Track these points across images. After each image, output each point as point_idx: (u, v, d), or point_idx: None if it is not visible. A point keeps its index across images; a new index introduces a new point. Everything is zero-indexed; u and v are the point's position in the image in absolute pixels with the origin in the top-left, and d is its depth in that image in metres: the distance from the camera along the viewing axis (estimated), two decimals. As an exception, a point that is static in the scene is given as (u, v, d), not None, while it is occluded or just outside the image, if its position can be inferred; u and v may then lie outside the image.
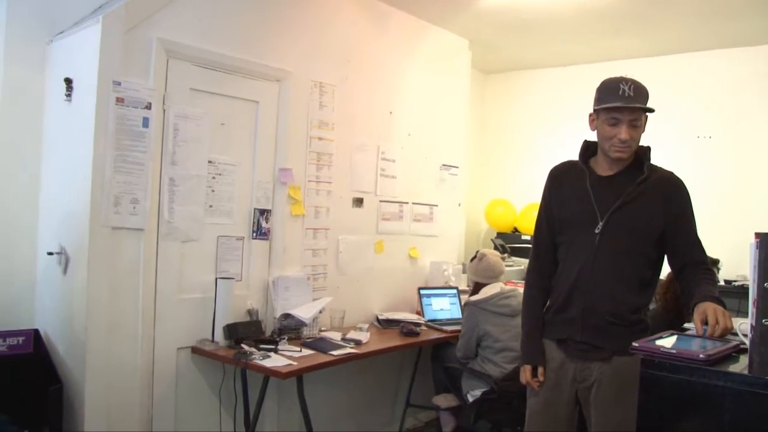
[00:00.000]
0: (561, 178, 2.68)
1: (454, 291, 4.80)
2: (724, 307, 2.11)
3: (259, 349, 3.39)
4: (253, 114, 3.78)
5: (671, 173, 2.54)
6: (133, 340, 3.25)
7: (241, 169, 3.71)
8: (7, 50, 3.35)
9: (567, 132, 5.85)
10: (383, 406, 4.67)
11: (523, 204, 6.13)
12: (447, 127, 5.24)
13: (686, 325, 2.44)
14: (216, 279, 3.54)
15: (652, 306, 3.79)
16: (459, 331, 4.04)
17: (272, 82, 3.85)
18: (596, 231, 2.47)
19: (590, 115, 2.56)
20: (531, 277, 2.75)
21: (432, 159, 5.07)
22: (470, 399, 3.84)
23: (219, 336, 3.49)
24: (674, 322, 3.11)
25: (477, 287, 4.07)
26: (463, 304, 4.33)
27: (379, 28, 4.58)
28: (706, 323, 2.02)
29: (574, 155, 2.70)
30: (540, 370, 2.60)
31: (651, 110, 2.44)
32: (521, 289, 3.78)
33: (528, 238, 5.90)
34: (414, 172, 4.88)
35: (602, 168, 2.56)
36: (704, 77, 5.43)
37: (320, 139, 4.09)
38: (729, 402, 1.67)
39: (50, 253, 3.33)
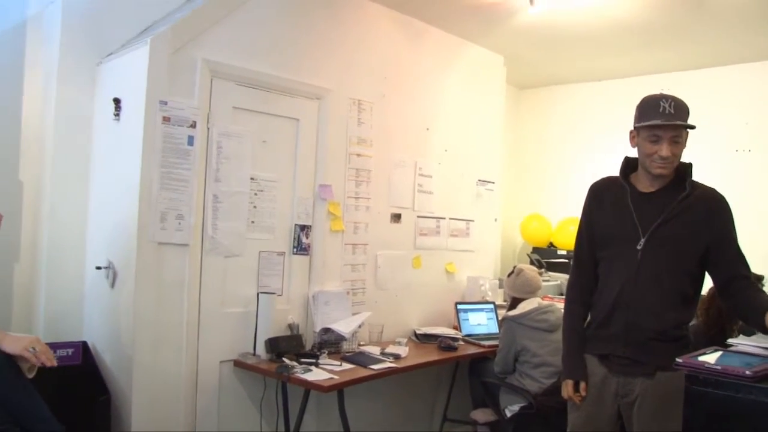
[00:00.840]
0: (602, 194, 2.69)
1: (491, 306, 4.81)
2: None
3: (301, 363, 3.44)
4: (294, 131, 3.86)
5: (713, 190, 2.54)
6: (177, 352, 3.33)
7: (282, 186, 3.79)
8: (60, 72, 3.50)
9: (601, 146, 5.86)
10: (421, 421, 4.68)
11: (558, 219, 6.12)
12: (483, 142, 5.27)
13: (730, 340, 2.44)
14: (258, 293, 3.60)
15: (692, 322, 3.78)
16: (496, 346, 4.04)
17: (312, 99, 3.93)
18: (638, 247, 2.48)
19: (630, 132, 2.57)
20: (572, 293, 2.76)
21: (468, 174, 5.10)
22: (508, 414, 3.84)
23: (261, 349, 3.54)
24: (716, 338, 3.10)
25: (515, 302, 4.08)
26: (500, 319, 4.34)
27: (415, 45, 4.64)
28: None
29: (609, 170, 2.71)
30: (582, 384, 2.60)
31: (692, 127, 2.45)
32: (559, 304, 3.82)
33: (564, 252, 5.89)
34: (451, 187, 4.91)
35: (643, 184, 2.57)
36: (742, 90, 5.38)
37: (359, 155, 4.16)
38: (776, 418, 1.68)
39: (98, 268, 3.43)
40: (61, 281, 3.53)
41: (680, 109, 2.43)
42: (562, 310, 3.94)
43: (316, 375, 3.31)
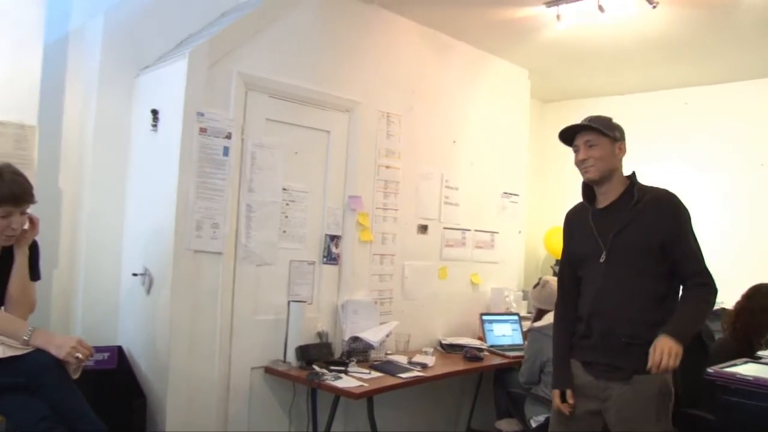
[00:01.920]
0: (572, 218, 2.88)
1: (516, 317, 4.84)
2: (683, 341, 2.32)
3: (330, 371, 3.50)
4: (325, 143, 3.94)
5: (665, 191, 2.64)
6: (210, 358, 3.40)
7: (313, 196, 3.87)
8: (100, 83, 3.61)
9: (628, 159, 5.87)
10: (445, 430, 4.72)
11: (581, 232, 6.12)
12: (508, 155, 5.33)
13: (759, 353, 2.47)
14: (288, 302, 3.67)
15: (719, 335, 3.80)
16: (521, 356, 4.06)
17: (343, 112, 4.01)
18: (601, 260, 2.61)
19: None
20: (558, 310, 2.91)
21: (493, 187, 5.16)
22: (533, 424, 3.85)
23: (291, 357, 3.61)
24: (744, 352, 3.12)
25: (540, 314, 4.10)
26: (526, 330, 4.37)
27: (442, 59, 4.72)
28: None
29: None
30: (569, 392, 2.70)
31: (602, 132, 2.62)
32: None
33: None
34: (476, 199, 4.97)
35: (599, 202, 2.72)
36: (766, 105, 5.38)
37: (387, 167, 4.23)
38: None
39: (135, 274, 3.51)
40: (98, 287, 3.62)
41: (594, 119, 2.67)
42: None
43: (346, 382, 3.37)
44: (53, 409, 2.36)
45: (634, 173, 2.71)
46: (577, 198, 2.84)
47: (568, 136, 2.72)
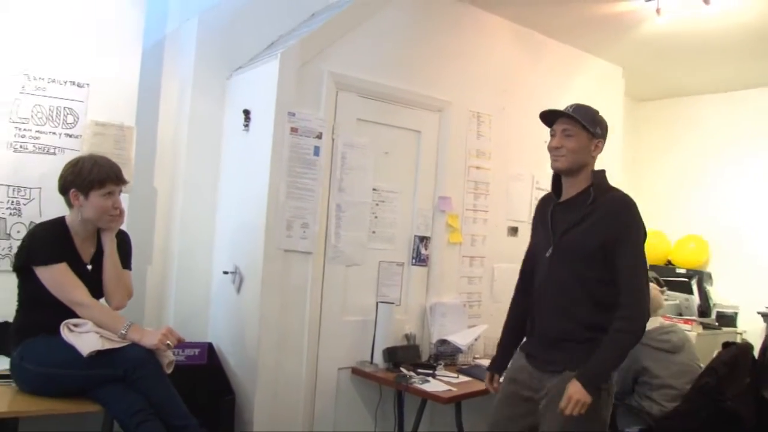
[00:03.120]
0: (539, 207, 2.76)
1: (608, 324, 4.66)
2: (596, 386, 2.33)
3: (418, 374, 3.45)
4: (415, 143, 3.90)
5: (623, 195, 2.52)
6: (298, 357, 3.41)
7: (403, 197, 3.83)
8: (194, 85, 3.69)
9: (728, 159, 5.62)
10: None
11: (678, 236, 5.90)
12: (600, 156, 5.12)
13: None
14: (377, 303, 3.64)
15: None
16: (614, 364, 3.91)
17: (433, 112, 3.96)
18: (547, 255, 2.55)
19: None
20: (514, 294, 2.85)
21: (585, 189, 4.98)
22: (626, 437, 3.71)
23: (378, 358, 3.58)
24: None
25: (634, 321, 3.94)
26: (618, 337, 4.20)
27: (534, 58, 4.61)
28: None
29: (737, 184, 2.65)
30: (496, 377, 2.77)
31: (583, 125, 2.48)
32: (681, 325, 3.67)
33: (683, 271, 5.67)
34: (567, 201, 4.81)
35: (563, 194, 2.61)
36: None
37: (478, 168, 4.15)
38: None
39: (225, 272, 3.57)
40: (190, 284, 3.70)
41: (579, 109, 2.52)
42: (684, 331, 3.86)
43: (434, 386, 3.32)
44: (148, 401, 2.42)
45: (601, 172, 2.58)
46: (676, 202, 2.71)
47: (550, 118, 2.59)
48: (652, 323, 3.80)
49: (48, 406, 2.46)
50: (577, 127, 2.50)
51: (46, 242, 2.57)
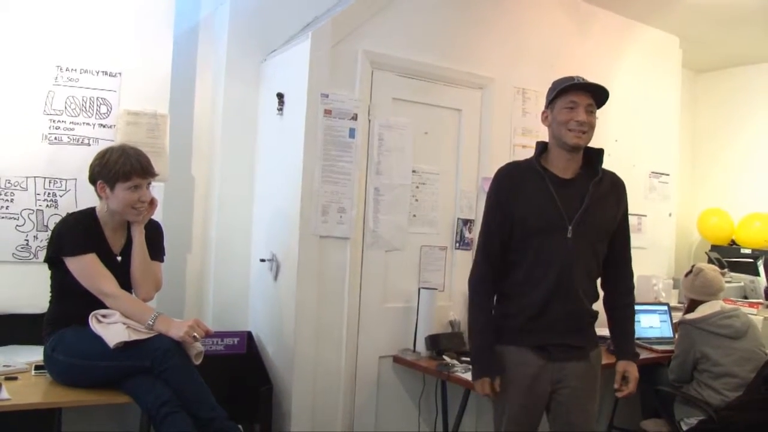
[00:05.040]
0: (519, 182, 2.51)
1: (665, 308, 4.45)
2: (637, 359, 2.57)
3: (461, 362, 3.33)
4: (456, 122, 3.75)
5: (615, 173, 2.60)
6: (337, 346, 3.34)
7: (445, 179, 3.70)
8: (227, 70, 3.63)
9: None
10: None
11: (741, 214, 5.61)
12: (656, 132, 4.93)
13: None
14: (419, 289, 3.54)
15: None
16: (671, 351, 3.74)
17: (475, 89, 3.81)
18: (568, 236, 2.42)
19: (543, 112, 2.56)
20: (482, 286, 2.56)
21: (640, 166, 4.78)
22: (684, 427, 3.52)
23: (420, 346, 3.47)
24: None
25: (693, 304, 3.75)
26: (676, 322, 4.00)
27: (582, 30, 4.39)
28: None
29: None
30: (497, 380, 2.48)
31: (603, 100, 2.48)
32: (744, 309, 3.50)
33: (748, 251, 5.40)
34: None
35: (559, 169, 2.48)
36: None
37: (524, 147, 3.97)
38: None
39: (262, 260, 3.51)
40: (228, 272, 3.66)
41: (605, 91, 2.47)
42: (748, 315, 3.65)
43: (477, 375, 3.18)
44: (175, 392, 2.38)
45: (602, 150, 2.53)
46: (739, 178, 2.55)
47: (564, 88, 2.46)
48: (712, 307, 3.62)
49: (79, 397, 2.45)
50: (594, 105, 2.48)
51: (75, 233, 2.56)
